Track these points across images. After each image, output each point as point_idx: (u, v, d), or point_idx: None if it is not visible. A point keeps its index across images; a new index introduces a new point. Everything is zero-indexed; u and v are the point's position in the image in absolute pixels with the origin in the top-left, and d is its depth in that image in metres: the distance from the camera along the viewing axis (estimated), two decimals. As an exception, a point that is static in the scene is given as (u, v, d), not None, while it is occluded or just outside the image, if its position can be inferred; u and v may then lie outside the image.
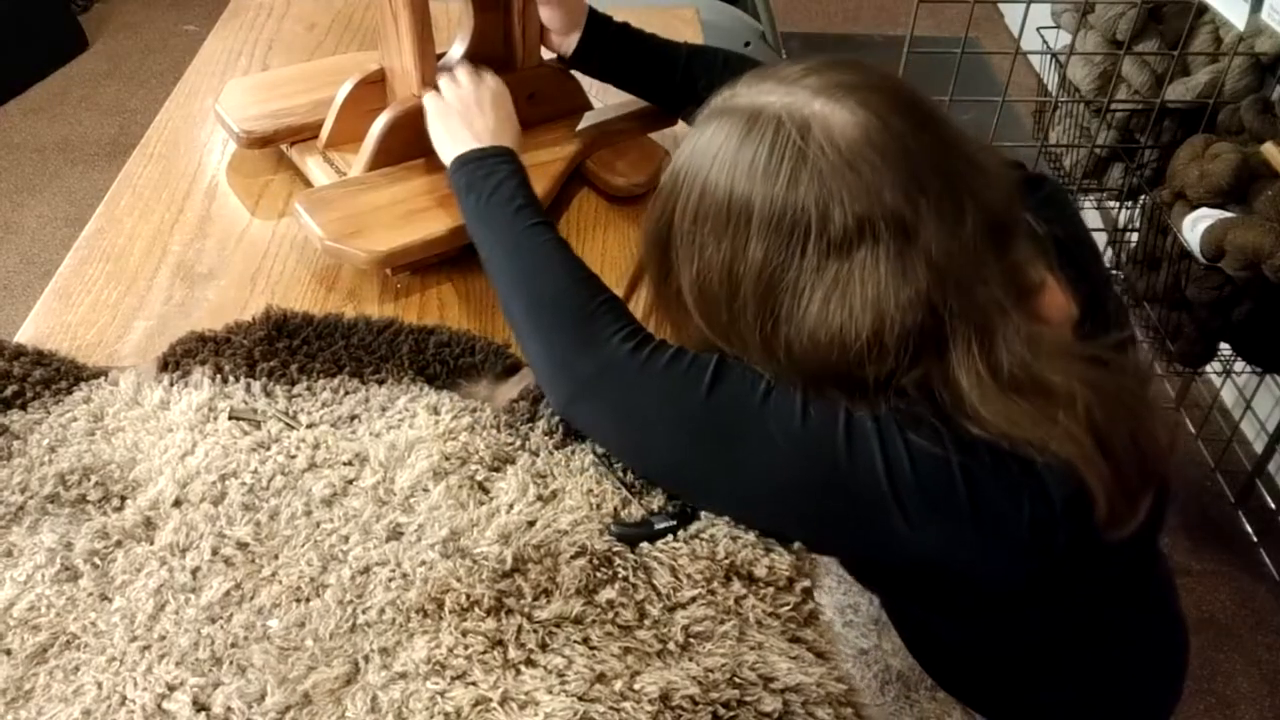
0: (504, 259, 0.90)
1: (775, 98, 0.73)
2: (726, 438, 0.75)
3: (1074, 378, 0.71)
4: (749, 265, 0.72)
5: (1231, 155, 1.50)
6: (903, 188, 0.69)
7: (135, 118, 3.00)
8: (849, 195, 0.69)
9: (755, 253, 0.72)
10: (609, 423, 0.81)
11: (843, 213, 0.69)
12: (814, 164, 0.70)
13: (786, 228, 0.71)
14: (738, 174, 0.72)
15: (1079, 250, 0.88)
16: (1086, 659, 0.90)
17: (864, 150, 0.70)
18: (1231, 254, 1.42)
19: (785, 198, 0.70)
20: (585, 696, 0.67)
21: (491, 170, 0.96)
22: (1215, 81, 1.69)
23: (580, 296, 0.84)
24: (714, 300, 0.76)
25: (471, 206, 0.95)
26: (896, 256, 0.69)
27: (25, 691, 0.69)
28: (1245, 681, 1.74)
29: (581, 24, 1.11)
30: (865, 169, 0.69)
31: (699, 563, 0.77)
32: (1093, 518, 0.72)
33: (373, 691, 0.69)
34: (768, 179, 0.71)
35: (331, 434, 0.86)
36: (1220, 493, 2.00)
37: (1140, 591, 0.93)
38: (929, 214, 0.70)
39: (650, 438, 0.79)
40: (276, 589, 0.75)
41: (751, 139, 0.72)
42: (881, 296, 0.69)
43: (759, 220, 0.71)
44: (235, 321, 0.96)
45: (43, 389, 0.89)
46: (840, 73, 0.74)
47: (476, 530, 0.79)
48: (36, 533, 0.77)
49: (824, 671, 0.71)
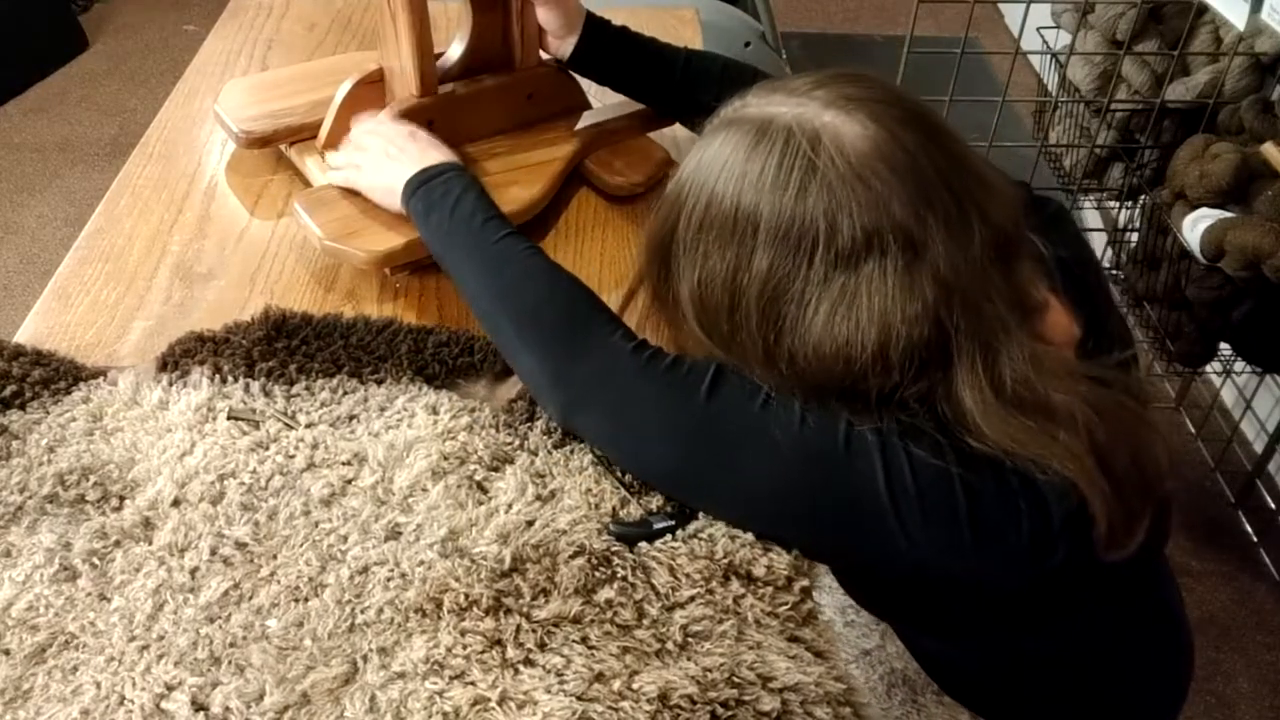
0: (483, 276, 0.88)
1: (786, 109, 0.73)
2: (725, 444, 0.75)
3: (1076, 397, 0.72)
4: (754, 275, 0.72)
5: (1231, 155, 1.50)
6: (911, 202, 0.70)
7: (135, 118, 3.00)
8: (858, 207, 0.69)
9: (761, 263, 0.72)
10: (607, 427, 0.81)
11: (851, 225, 0.69)
12: (823, 175, 0.70)
13: (794, 238, 0.71)
14: (745, 184, 0.72)
15: (1083, 271, 0.88)
16: (1089, 669, 0.90)
17: (874, 163, 0.70)
18: (1231, 254, 1.42)
19: (793, 208, 0.70)
20: (584, 696, 0.67)
21: (446, 188, 0.94)
22: (1215, 81, 1.69)
23: (570, 303, 0.84)
24: (715, 310, 0.76)
25: (435, 229, 0.93)
26: (904, 270, 0.70)
27: (24, 691, 0.69)
28: (1245, 681, 1.74)
29: (579, 27, 1.11)
30: (875, 182, 0.69)
31: (698, 562, 0.77)
32: (1091, 535, 0.72)
33: (371, 691, 0.69)
34: (776, 189, 0.71)
35: (330, 434, 0.86)
36: (1220, 493, 2.00)
37: (1143, 603, 0.93)
38: (937, 229, 0.70)
39: (648, 443, 0.79)
40: (275, 589, 0.75)
41: (761, 149, 0.72)
42: (888, 310, 0.70)
43: (766, 230, 0.71)
44: (234, 321, 0.96)
45: (41, 389, 0.89)
46: (851, 86, 0.74)
47: (475, 530, 0.79)
48: (35, 533, 0.77)
49: (822, 671, 0.71)
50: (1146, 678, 0.96)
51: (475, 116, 1.08)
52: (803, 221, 0.70)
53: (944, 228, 0.70)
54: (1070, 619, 0.83)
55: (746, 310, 0.73)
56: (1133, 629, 0.92)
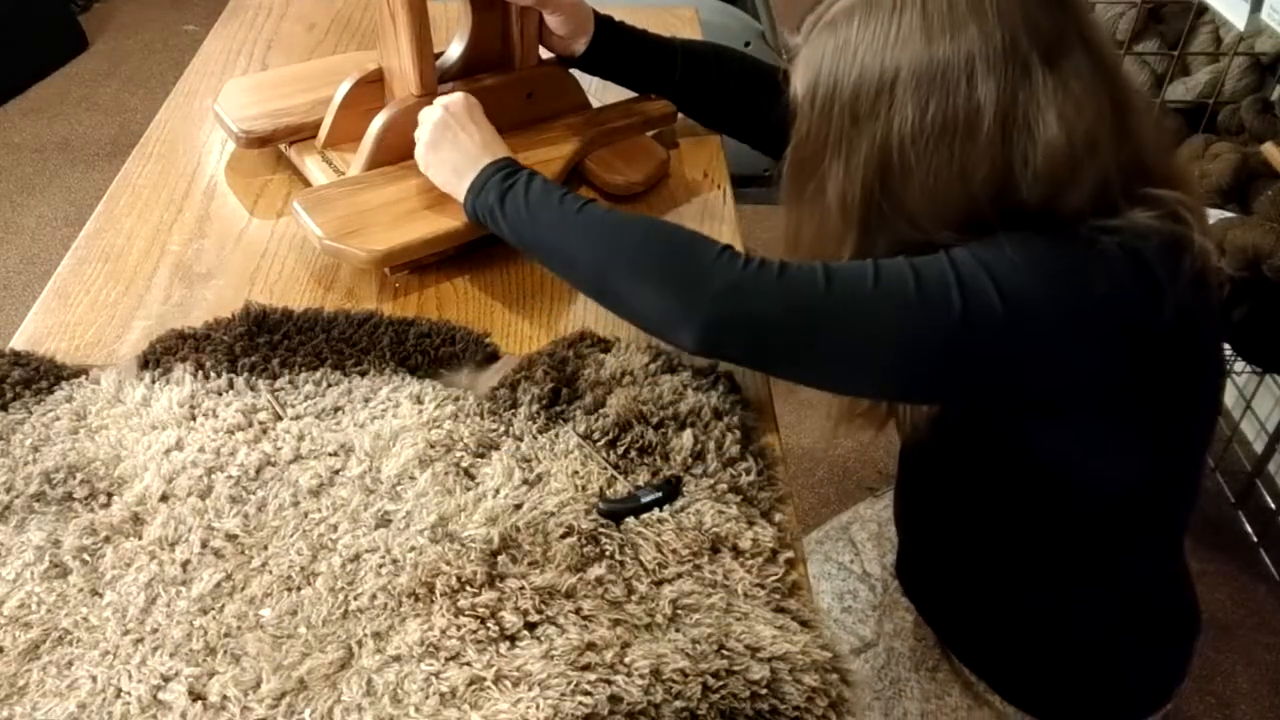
0: (582, 242, 0.89)
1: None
2: (852, 321, 0.78)
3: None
4: (984, 106, 0.75)
5: (1231, 155, 1.50)
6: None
7: (135, 118, 3.00)
8: (1026, 20, 0.75)
9: (985, 94, 0.75)
10: (749, 339, 0.82)
11: (1032, 29, 0.75)
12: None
13: (1001, 58, 0.74)
14: (917, 39, 0.76)
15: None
16: (1099, 602, 0.94)
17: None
18: (1231, 254, 1.43)
19: (987, 32, 0.74)
20: (576, 664, 0.68)
21: (514, 178, 0.96)
22: (1215, 81, 1.69)
23: (671, 239, 0.86)
24: (905, 171, 0.78)
25: (517, 215, 0.94)
26: (1090, 65, 0.76)
27: (19, 688, 0.69)
28: (1245, 681, 1.74)
29: (590, 28, 1.13)
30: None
31: (685, 535, 0.78)
32: (1197, 298, 0.78)
33: (368, 675, 0.70)
34: (956, 25, 0.75)
35: (316, 425, 0.87)
36: (1220, 493, 2.00)
37: (1169, 529, 0.97)
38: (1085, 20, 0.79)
39: (793, 342, 0.80)
40: (267, 579, 0.76)
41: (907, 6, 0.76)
42: (1094, 91, 0.76)
43: (964, 68, 0.75)
44: (214, 318, 0.96)
45: (23, 389, 0.89)
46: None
47: (464, 515, 0.80)
48: (24, 531, 0.78)
49: (809, 639, 0.73)
50: (1149, 632, 1.01)
51: (475, 116, 1.08)
52: (1005, 38, 0.74)
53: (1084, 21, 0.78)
54: (1154, 421, 0.86)
55: (984, 139, 0.75)
56: (1144, 556, 0.96)
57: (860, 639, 1.12)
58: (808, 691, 0.69)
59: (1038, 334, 0.76)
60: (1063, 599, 0.96)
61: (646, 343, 0.95)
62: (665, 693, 0.67)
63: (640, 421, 0.87)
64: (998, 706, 1.03)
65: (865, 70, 0.77)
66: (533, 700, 0.66)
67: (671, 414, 0.88)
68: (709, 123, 1.25)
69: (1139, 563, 0.96)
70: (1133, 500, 0.90)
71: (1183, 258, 0.77)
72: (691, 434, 0.86)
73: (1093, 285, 0.76)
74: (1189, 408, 0.87)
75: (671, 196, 1.21)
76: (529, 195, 0.93)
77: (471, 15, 1.10)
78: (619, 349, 0.95)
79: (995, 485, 0.93)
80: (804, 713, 0.69)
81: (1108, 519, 0.91)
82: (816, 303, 0.78)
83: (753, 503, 0.83)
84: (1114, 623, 0.97)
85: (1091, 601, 0.96)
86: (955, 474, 0.98)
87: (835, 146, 0.81)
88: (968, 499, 0.97)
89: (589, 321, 1.02)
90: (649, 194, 1.20)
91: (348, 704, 0.68)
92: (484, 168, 0.98)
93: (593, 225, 0.89)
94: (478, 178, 0.98)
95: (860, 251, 0.83)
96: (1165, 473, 0.91)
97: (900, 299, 0.76)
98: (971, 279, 0.75)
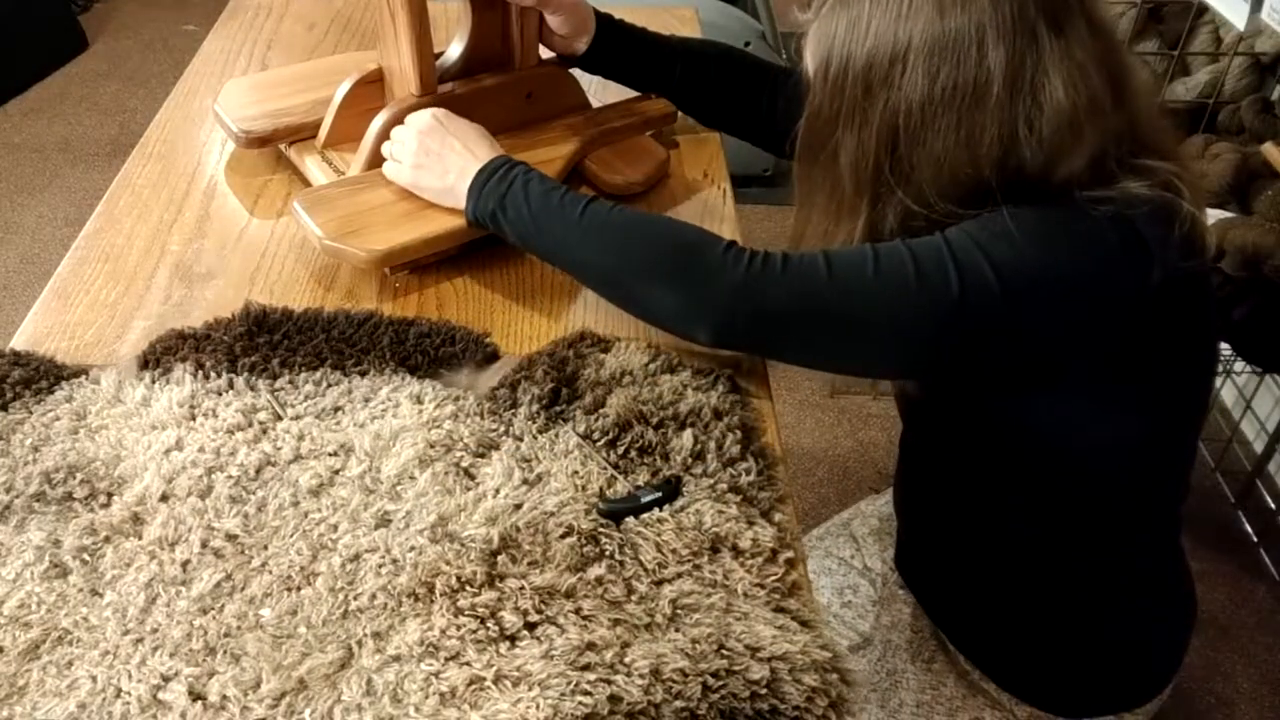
0: (591, 242, 0.90)
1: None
2: (857, 307, 0.80)
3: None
4: (994, 73, 0.77)
5: (1231, 155, 1.50)
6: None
7: (135, 118, 3.00)
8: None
9: (995, 61, 0.76)
10: (761, 333, 0.84)
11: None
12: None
13: (1011, 26, 0.76)
14: (930, 7, 0.77)
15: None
16: (1096, 584, 0.95)
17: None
18: (1231, 254, 1.43)
19: (996, 1, 0.76)
20: (576, 664, 0.68)
21: (509, 180, 0.95)
22: (1215, 81, 1.69)
23: (679, 237, 0.87)
24: (919, 133, 0.79)
25: (520, 221, 0.93)
26: (1090, 34, 0.79)
27: (19, 688, 0.69)
28: (1245, 681, 1.74)
29: (591, 27, 1.13)
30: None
31: (685, 535, 0.79)
32: (1188, 262, 0.80)
33: (368, 675, 0.70)
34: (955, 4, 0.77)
35: (316, 425, 0.87)
36: (1220, 493, 2.01)
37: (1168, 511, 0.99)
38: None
39: (806, 332, 0.83)
40: (267, 579, 0.76)
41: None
42: (1094, 59, 0.78)
43: (975, 36, 0.76)
44: (214, 318, 0.96)
45: (23, 389, 0.89)
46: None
47: (464, 515, 0.80)
48: (24, 531, 0.78)
49: (809, 639, 0.73)
50: (1148, 618, 1.01)
51: (475, 116, 1.08)
52: (1014, 5, 0.76)
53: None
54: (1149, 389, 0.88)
55: (999, 101, 0.77)
56: (1145, 540, 0.98)
57: (860, 634, 1.12)
58: (808, 691, 0.69)
59: (1033, 306, 0.78)
60: (1060, 580, 0.97)
61: (646, 342, 0.96)
62: (665, 693, 0.67)
63: (640, 421, 0.87)
64: (993, 695, 1.04)
65: (878, 42, 0.79)
66: (533, 700, 0.66)
67: (671, 414, 0.88)
68: (709, 121, 1.25)
69: (1136, 542, 0.97)
70: (1130, 473, 0.92)
71: (1172, 224, 0.79)
72: (691, 434, 0.86)
73: (1085, 255, 0.78)
74: (1184, 372, 0.89)
75: (671, 196, 1.21)
76: (529, 199, 0.93)
77: (471, 15, 1.10)
78: (619, 349, 0.95)
79: (996, 464, 0.94)
80: (804, 712, 0.69)
81: (1105, 490, 0.92)
82: (822, 291, 0.80)
83: (753, 503, 0.83)
84: (1111, 606, 0.98)
85: (1089, 582, 0.97)
86: (955, 455, 0.99)
87: (848, 118, 0.82)
88: (968, 481, 0.98)
89: (589, 321, 1.02)
90: (649, 194, 1.20)
91: (348, 704, 0.68)
92: (475, 176, 0.98)
93: (599, 229, 0.90)
94: (472, 186, 0.98)
95: (870, 224, 0.85)
96: (1163, 442, 0.92)
97: (900, 283, 0.79)
98: (966, 258, 0.77)
